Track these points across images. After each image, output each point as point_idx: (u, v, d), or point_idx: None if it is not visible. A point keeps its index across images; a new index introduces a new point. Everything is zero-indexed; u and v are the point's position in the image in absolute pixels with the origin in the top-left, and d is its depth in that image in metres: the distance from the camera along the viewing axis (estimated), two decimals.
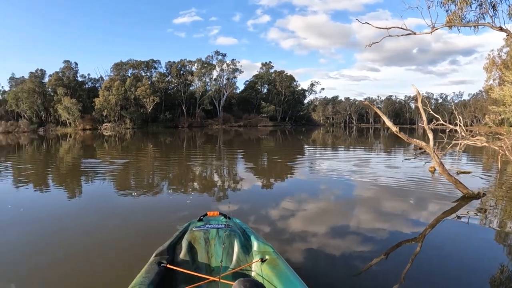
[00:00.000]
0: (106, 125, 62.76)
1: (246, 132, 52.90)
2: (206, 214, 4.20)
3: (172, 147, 26.42)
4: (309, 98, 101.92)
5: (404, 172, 11.62)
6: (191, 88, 76.96)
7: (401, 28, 10.10)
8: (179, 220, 5.99)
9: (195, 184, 10.31)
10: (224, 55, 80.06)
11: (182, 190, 9.29)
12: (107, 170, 13.55)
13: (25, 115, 72.83)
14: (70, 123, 66.36)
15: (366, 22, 10.71)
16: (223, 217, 4.13)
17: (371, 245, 4.90)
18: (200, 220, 4.06)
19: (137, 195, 8.65)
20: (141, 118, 65.24)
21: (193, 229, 3.69)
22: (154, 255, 3.31)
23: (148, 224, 6.22)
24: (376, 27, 10.56)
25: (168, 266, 3.17)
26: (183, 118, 74.52)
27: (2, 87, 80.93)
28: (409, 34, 10.24)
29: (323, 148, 23.15)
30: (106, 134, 46.37)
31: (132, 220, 6.49)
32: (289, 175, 11.96)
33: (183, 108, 74.90)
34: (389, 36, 10.55)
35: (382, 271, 4.09)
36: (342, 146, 24.53)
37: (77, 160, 17.89)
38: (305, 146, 26.68)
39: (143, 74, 73.54)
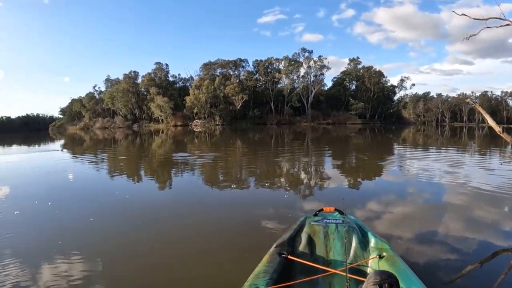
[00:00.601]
0: (196, 122, 64.64)
1: (334, 129, 51.91)
2: (322, 210, 4.24)
3: (261, 143, 26.73)
4: (399, 94, 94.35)
5: (502, 176, 10.36)
6: (279, 86, 76.60)
7: (500, 18, 8.49)
8: (281, 214, 6.34)
9: (287, 179, 10.44)
10: (310, 52, 78.34)
11: (276, 185, 9.38)
12: (199, 163, 14.24)
13: (120, 113, 78.62)
14: (162, 120, 69.80)
15: (462, 14, 9.14)
16: (338, 213, 4.16)
17: (462, 253, 4.53)
18: (315, 215, 4.11)
19: (232, 188, 8.91)
20: (230, 115, 66.34)
21: (312, 223, 3.74)
22: (274, 246, 3.41)
23: (249, 215, 6.42)
24: (473, 18, 9.05)
25: (289, 257, 3.24)
26: (271, 115, 74.35)
27: (99, 87, 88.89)
28: (508, 24, 8.49)
29: (413, 148, 21.81)
30: (196, 130, 47.74)
31: (232, 212, 6.71)
32: (377, 175, 11.48)
33: (271, 105, 74.63)
34: (487, 27, 8.92)
35: (475, 281, 3.81)
36: (434, 146, 22.79)
37: (168, 153, 18.35)
38: (395, 145, 25.40)
39: (231, 73, 74.73)
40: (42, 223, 6.19)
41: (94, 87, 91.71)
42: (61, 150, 25.15)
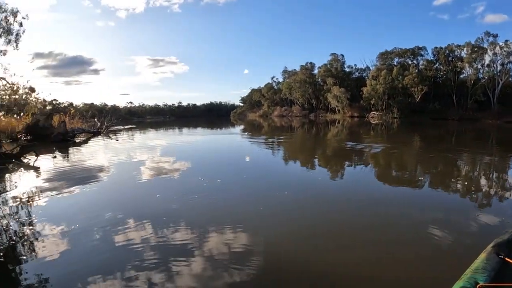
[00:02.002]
0: (373, 114, 63.45)
1: None
2: None
3: (441, 140, 23.84)
4: None
5: None
6: (461, 76, 69.03)
7: None
8: (453, 221, 5.91)
9: (469, 183, 9.22)
10: (495, 36, 67.86)
11: (451, 188, 8.75)
12: (373, 154, 14.49)
13: (298, 102, 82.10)
14: (338, 110, 70.58)
15: None
16: None
17: None
18: None
19: (403, 186, 8.93)
20: (409, 108, 62.45)
21: None
22: (491, 245, 3.41)
23: (416, 219, 6.07)
24: None
25: (506, 259, 3.16)
26: (453, 109, 67.89)
27: (277, 78, 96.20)
28: None
29: None
30: (373, 122, 47.22)
31: (399, 212, 6.50)
32: None
33: (454, 98, 68.11)
34: None
35: None
36: None
37: (342, 143, 18.50)
38: None
39: (410, 62, 70.27)
40: (241, 191, 8.09)
41: (272, 78, 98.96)
42: (242, 134, 27.95)
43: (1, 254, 4.60)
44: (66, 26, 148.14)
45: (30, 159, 13.69)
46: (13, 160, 12.59)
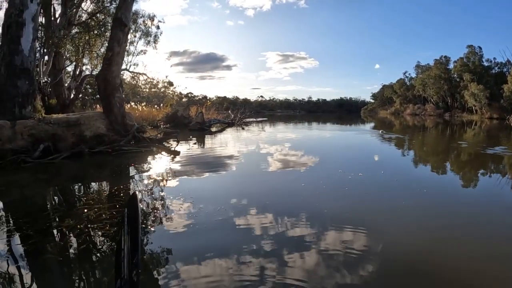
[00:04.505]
0: None
1: None
2: None
3: None
4: None
5: None
6: None
7: None
8: None
9: None
10: None
11: None
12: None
13: (432, 100, 76.68)
14: (476, 111, 63.84)
15: None
16: None
17: None
18: None
19: None
20: None
21: None
22: None
23: None
24: None
25: None
26: None
27: (410, 74, 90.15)
28: None
29: None
30: None
31: None
32: None
33: None
34: None
35: None
36: None
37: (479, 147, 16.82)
38: None
39: None
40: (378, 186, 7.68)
41: (404, 73, 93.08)
42: (373, 132, 27.06)
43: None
44: (198, 27, 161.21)
45: (171, 144, 15.11)
46: (157, 144, 13.78)
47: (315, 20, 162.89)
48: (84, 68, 26.56)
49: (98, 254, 4.19)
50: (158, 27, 28.58)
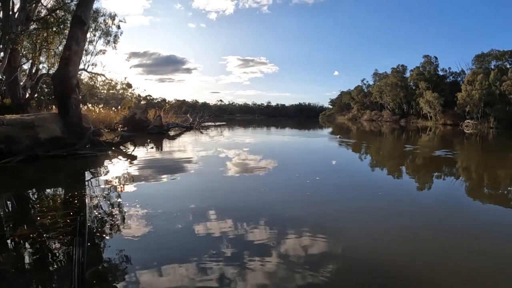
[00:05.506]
0: (467, 122, 58.60)
1: None
2: None
3: None
4: None
5: None
6: None
7: None
8: None
9: None
10: None
11: None
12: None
13: (388, 107, 79.35)
14: (431, 117, 66.69)
15: None
16: None
17: None
18: None
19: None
20: (507, 118, 56.28)
21: None
22: None
23: None
24: None
25: None
26: None
27: (367, 81, 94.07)
28: None
29: None
30: (467, 131, 43.78)
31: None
32: None
33: None
34: None
35: None
36: None
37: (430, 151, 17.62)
38: None
39: (508, 66, 63.29)
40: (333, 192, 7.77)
41: (362, 80, 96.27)
42: (330, 137, 27.70)
43: (90, 228, 5.05)
44: (160, 28, 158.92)
45: (129, 148, 14.89)
46: (113, 148, 13.61)
47: (277, 26, 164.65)
48: (41, 66, 25.84)
49: (53, 265, 4.10)
50: (118, 27, 28.19)
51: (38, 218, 5.50)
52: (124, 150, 14.10)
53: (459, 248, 4.87)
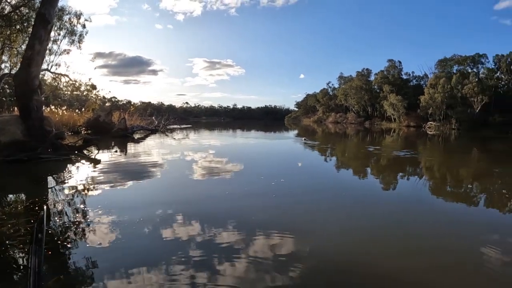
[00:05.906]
0: (430, 124, 60.75)
1: None
2: None
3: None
4: None
5: None
6: None
7: None
8: None
9: None
10: None
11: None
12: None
13: (353, 109, 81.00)
14: (394, 119, 68.57)
15: None
16: None
17: None
18: None
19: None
20: (468, 119, 58.61)
21: None
22: None
23: None
24: None
25: None
26: None
27: (333, 84, 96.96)
28: None
29: None
30: (430, 132, 45.48)
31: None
32: None
33: None
34: None
35: None
36: None
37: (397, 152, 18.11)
38: None
39: (470, 71, 66.33)
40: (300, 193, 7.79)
41: (328, 83, 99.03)
42: (296, 140, 28.03)
43: (55, 237, 4.95)
44: (126, 28, 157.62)
45: (92, 152, 14.49)
46: (76, 152, 13.34)
47: (244, 29, 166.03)
48: (3, 66, 24.99)
49: (10, 275, 3.92)
50: (84, 26, 27.55)
51: None
52: (88, 154, 13.74)
53: (422, 245, 5.08)
